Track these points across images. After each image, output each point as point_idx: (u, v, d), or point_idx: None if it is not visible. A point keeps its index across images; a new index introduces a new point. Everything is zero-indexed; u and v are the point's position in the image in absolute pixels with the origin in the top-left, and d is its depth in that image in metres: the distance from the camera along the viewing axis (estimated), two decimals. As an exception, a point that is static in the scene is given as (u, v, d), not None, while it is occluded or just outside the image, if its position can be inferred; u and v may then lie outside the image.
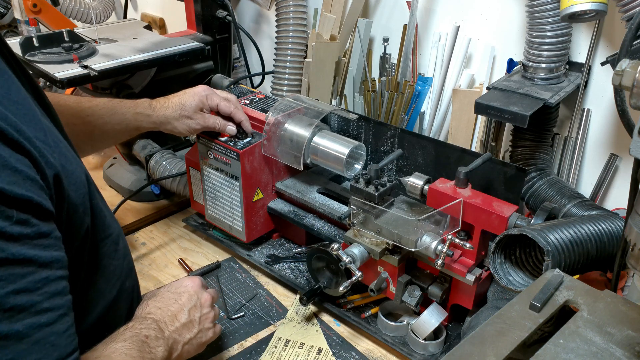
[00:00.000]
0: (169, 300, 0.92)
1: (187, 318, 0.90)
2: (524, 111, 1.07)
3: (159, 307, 0.90)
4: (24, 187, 0.56)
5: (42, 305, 0.58)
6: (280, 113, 1.24)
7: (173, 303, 0.91)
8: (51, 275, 0.59)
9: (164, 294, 0.94)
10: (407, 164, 1.22)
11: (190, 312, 0.91)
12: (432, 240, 0.98)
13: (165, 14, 2.21)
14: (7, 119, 0.57)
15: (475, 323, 1.01)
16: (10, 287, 0.55)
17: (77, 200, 0.69)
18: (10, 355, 0.55)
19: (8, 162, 0.56)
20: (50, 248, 0.60)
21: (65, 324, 0.61)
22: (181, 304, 0.92)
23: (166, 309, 0.90)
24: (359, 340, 1.14)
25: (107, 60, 1.42)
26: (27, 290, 0.56)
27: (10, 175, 0.55)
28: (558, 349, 0.63)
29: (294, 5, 1.54)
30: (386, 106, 1.40)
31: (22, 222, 0.56)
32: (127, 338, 0.77)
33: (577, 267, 0.90)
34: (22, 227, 0.56)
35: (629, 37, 0.97)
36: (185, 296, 0.93)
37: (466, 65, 1.40)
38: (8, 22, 2.04)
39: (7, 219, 0.55)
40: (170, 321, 0.88)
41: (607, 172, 1.23)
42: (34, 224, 0.58)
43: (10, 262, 0.55)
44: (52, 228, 0.61)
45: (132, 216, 1.53)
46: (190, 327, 0.90)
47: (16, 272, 0.55)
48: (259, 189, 1.28)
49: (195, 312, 0.92)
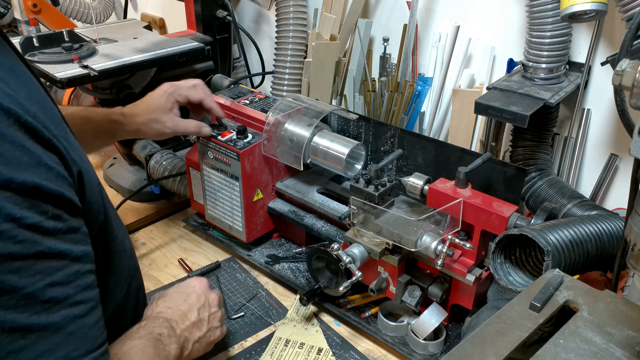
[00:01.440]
0: (178, 300, 0.93)
1: (196, 317, 0.91)
2: (524, 111, 1.07)
3: (169, 307, 0.91)
4: (56, 183, 0.58)
5: (75, 297, 0.59)
6: (280, 113, 1.24)
7: (182, 303, 0.92)
8: (82, 269, 0.61)
9: (173, 294, 0.95)
10: (407, 164, 1.22)
11: (199, 311, 0.92)
12: (432, 240, 0.98)
13: (165, 14, 2.21)
14: (37, 117, 0.59)
15: (475, 323, 1.01)
16: (47, 280, 0.56)
17: (92, 198, 0.70)
18: (47, 346, 0.57)
19: (42, 159, 0.57)
20: (80, 243, 0.62)
21: (96, 316, 0.63)
22: (190, 304, 0.93)
23: (176, 308, 0.91)
24: (359, 340, 1.14)
25: (107, 60, 1.42)
26: (62, 283, 0.58)
27: (45, 172, 0.57)
28: (558, 349, 0.63)
29: (294, 5, 1.54)
30: (386, 106, 1.40)
31: (56, 217, 0.58)
32: (142, 336, 0.78)
33: (577, 267, 0.90)
34: (56, 222, 0.58)
35: (629, 37, 0.97)
36: (194, 296, 0.94)
37: (466, 65, 1.40)
38: (8, 22, 2.04)
39: (43, 214, 0.56)
40: (180, 320, 0.89)
41: (607, 172, 1.23)
42: (65, 219, 0.59)
43: (47, 255, 0.56)
44: (81, 223, 0.63)
45: (132, 216, 1.53)
46: (200, 326, 0.91)
47: (52, 266, 0.57)
48: (259, 189, 1.28)
49: (204, 312, 0.93)
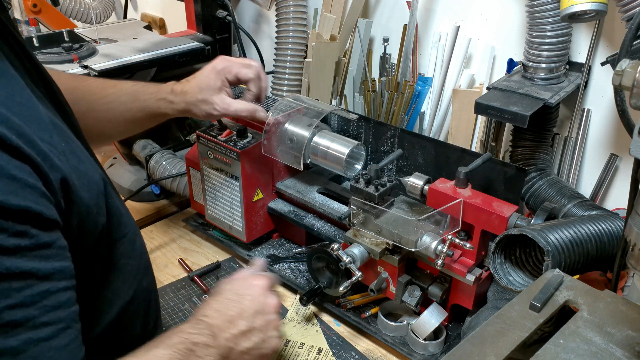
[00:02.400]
0: (229, 302, 0.82)
1: (246, 325, 0.80)
2: (524, 111, 1.07)
3: (217, 310, 0.80)
4: (21, 195, 0.54)
5: (40, 319, 0.55)
6: (280, 113, 1.23)
7: (233, 306, 0.81)
8: (52, 288, 0.57)
9: (227, 294, 0.84)
10: (407, 164, 1.22)
11: (251, 318, 0.81)
12: (432, 240, 0.98)
13: (165, 14, 2.21)
14: (8, 121, 0.55)
15: (475, 323, 1.01)
16: (5, 302, 0.52)
17: (91, 201, 0.66)
18: None
19: (5, 170, 0.53)
20: (52, 259, 0.58)
21: (67, 338, 0.58)
22: (242, 308, 0.81)
23: (224, 312, 0.80)
24: (359, 340, 1.14)
25: (107, 60, 1.42)
26: (24, 305, 0.54)
27: (7, 184, 0.53)
28: (558, 349, 0.63)
29: (294, 5, 1.54)
30: (386, 106, 1.40)
31: (19, 234, 0.54)
32: (171, 344, 0.70)
33: (577, 267, 0.90)
34: (19, 239, 0.54)
35: (629, 37, 0.97)
36: (248, 299, 0.83)
37: (466, 65, 1.40)
38: (8, 22, 2.04)
39: (3, 232, 0.52)
40: (226, 327, 0.78)
41: (607, 172, 1.23)
42: (32, 235, 0.55)
43: (5, 276, 0.52)
44: (54, 237, 0.58)
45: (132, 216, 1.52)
46: (249, 336, 0.80)
47: (12, 287, 0.53)
48: (259, 189, 1.28)
49: (258, 319, 0.82)
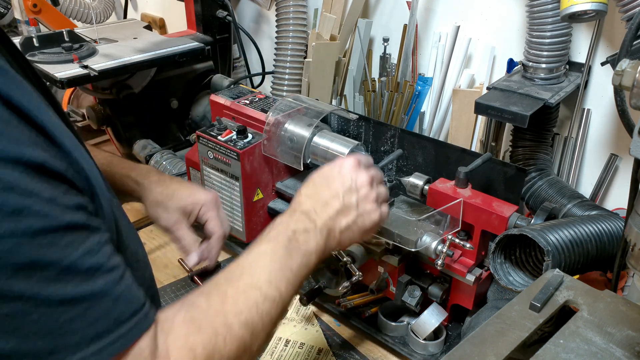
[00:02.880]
0: (320, 186, 0.85)
1: (341, 203, 0.83)
2: (524, 111, 1.07)
3: (309, 196, 0.84)
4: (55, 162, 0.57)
5: (108, 264, 0.60)
6: (280, 113, 1.23)
7: (324, 189, 0.84)
8: (101, 239, 0.61)
9: (316, 180, 0.86)
10: (407, 164, 1.22)
11: (344, 197, 0.83)
12: (432, 240, 0.98)
13: (165, 14, 2.21)
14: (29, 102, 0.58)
15: (475, 323, 1.01)
16: (77, 252, 0.56)
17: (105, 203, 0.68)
18: (98, 314, 0.57)
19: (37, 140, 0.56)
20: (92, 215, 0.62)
21: (130, 278, 0.63)
22: (334, 190, 0.84)
23: (317, 196, 0.83)
24: (359, 340, 1.14)
25: (107, 60, 1.42)
26: (92, 252, 0.58)
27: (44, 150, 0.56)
28: (558, 349, 0.63)
29: (294, 5, 1.54)
30: (386, 106, 1.40)
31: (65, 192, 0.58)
32: (271, 238, 0.75)
33: (577, 267, 0.90)
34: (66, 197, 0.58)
35: (629, 37, 0.97)
36: (338, 180, 0.85)
37: (466, 65, 1.40)
38: (8, 22, 2.04)
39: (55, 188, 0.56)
40: (320, 210, 0.81)
41: (607, 172, 1.23)
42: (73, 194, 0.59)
43: (71, 227, 0.57)
44: (86, 201, 0.62)
45: (132, 216, 1.49)
46: (346, 213, 0.83)
47: (79, 237, 0.57)
48: (259, 189, 1.28)
49: (350, 196, 0.84)
